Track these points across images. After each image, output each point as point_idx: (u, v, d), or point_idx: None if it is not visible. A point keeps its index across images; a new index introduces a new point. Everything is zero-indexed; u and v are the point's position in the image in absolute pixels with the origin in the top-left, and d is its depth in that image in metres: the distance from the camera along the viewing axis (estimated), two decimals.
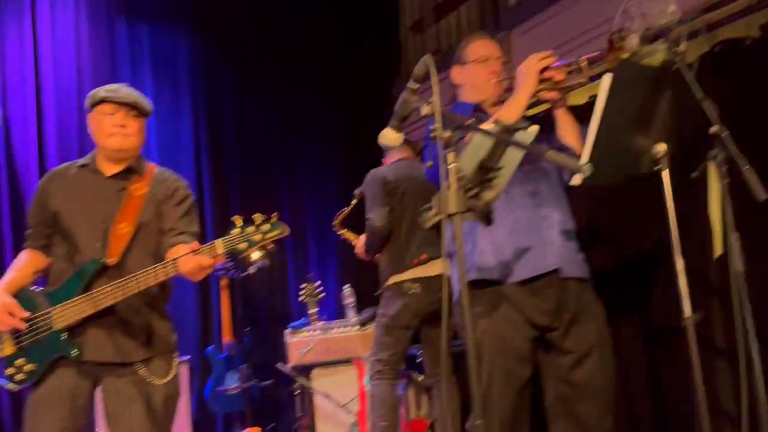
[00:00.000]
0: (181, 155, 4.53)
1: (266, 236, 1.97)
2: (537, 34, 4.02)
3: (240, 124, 4.78)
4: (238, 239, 1.95)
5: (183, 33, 4.64)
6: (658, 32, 1.89)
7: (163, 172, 2.32)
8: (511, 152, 1.50)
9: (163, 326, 2.23)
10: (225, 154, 4.70)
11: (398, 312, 3.33)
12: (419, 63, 1.52)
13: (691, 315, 1.81)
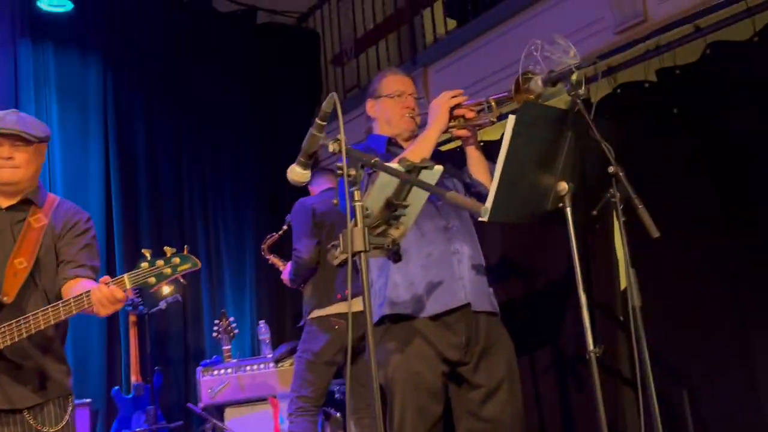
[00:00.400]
0: (89, 184, 4.33)
1: (177, 270, 1.91)
2: (452, 72, 4.14)
3: (152, 152, 4.62)
4: (146, 273, 1.88)
5: (92, 57, 4.46)
6: (560, 75, 1.97)
7: (64, 203, 2.20)
8: (418, 190, 1.51)
9: (57, 369, 2.09)
10: (136, 184, 4.52)
11: (323, 347, 3.26)
12: (326, 100, 1.51)
13: (593, 348, 1.86)
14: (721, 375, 2.63)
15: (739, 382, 2.59)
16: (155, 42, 4.72)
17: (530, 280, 3.55)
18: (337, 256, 1.44)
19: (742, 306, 2.63)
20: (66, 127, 4.29)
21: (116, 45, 4.57)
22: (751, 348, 2.54)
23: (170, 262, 1.91)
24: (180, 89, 4.81)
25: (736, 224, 2.67)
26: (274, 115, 5.12)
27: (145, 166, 4.56)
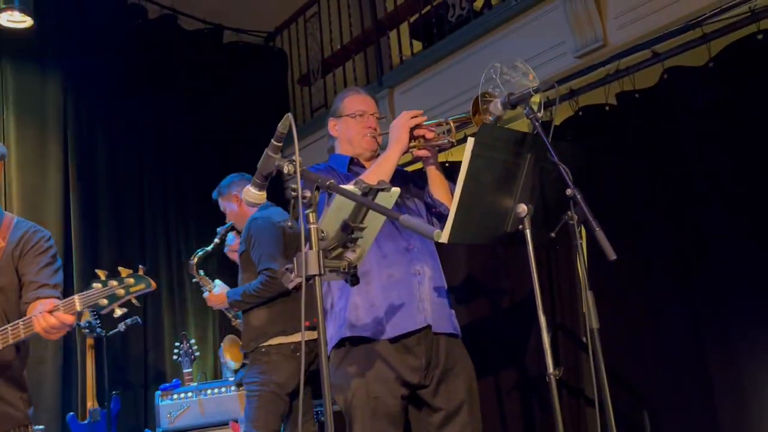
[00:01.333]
0: (46, 202, 4.22)
1: (130, 291, 1.86)
2: (418, 93, 4.17)
3: (113, 171, 4.54)
4: (98, 294, 1.83)
5: (52, 73, 4.38)
6: (519, 98, 1.99)
7: (21, 222, 2.14)
8: (375, 213, 1.49)
9: (16, 397, 2.00)
10: (96, 202, 4.42)
11: (288, 377, 3.00)
12: (282, 121, 1.50)
13: (553, 370, 1.85)
14: (682, 398, 2.66)
15: (699, 402, 2.62)
16: (118, 59, 4.66)
17: (494, 301, 3.56)
18: (292, 279, 1.40)
19: (702, 327, 2.67)
20: (24, 145, 4.20)
21: (77, 62, 4.49)
22: (711, 371, 2.57)
23: (123, 282, 1.86)
24: (143, 107, 4.74)
25: (693, 245, 2.72)
26: (241, 135, 5.07)
27: (106, 185, 4.48)
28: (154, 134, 4.78)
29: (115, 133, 4.60)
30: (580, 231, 1.90)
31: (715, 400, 2.58)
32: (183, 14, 5.15)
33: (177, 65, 4.98)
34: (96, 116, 4.53)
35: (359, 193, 1.42)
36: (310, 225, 1.39)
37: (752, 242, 2.50)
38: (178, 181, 4.80)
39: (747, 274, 2.47)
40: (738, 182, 2.62)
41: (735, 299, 2.54)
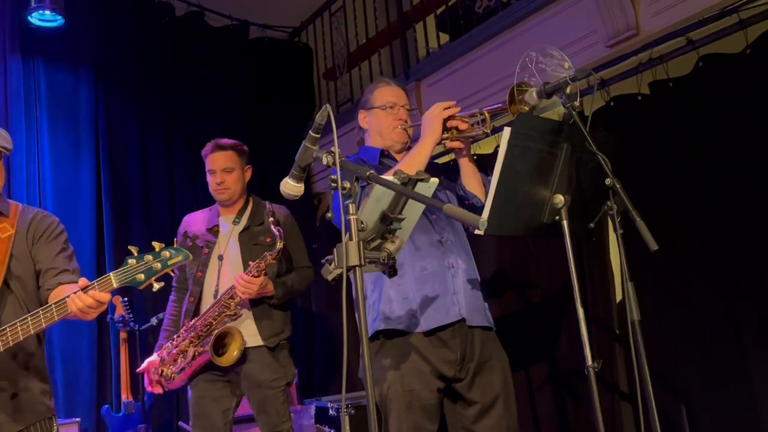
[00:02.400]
0: (80, 198, 4.28)
1: (167, 264, 1.84)
2: (445, 85, 4.14)
3: (144, 167, 4.58)
4: (133, 270, 1.80)
5: (83, 72, 4.43)
6: (555, 87, 1.96)
7: (28, 209, 2.13)
8: (413, 203, 1.48)
9: (38, 389, 2.00)
10: (128, 198, 4.47)
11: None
12: (320, 112, 1.49)
13: (592, 363, 1.82)
14: (720, 389, 2.61)
15: (737, 397, 2.56)
16: (147, 56, 4.70)
17: (526, 294, 3.53)
18: (332, 271, 1.40)
19: (740, 318, 2.61)
20: (56, 142, 4.25)
21: (107, 60, 4.54)
22: (750, 363, 2.52)
23: (160, 256, 1.83)
24: (172, 104, 4.78)
25: (731, 236, 2.66)
26: (268, 129, 5.10)
27: (137, 180, 4.52)
28: (183, 130, 4.81)
29: (145, 129, 4.65)
30: (620, 222, 1.87)
31: (755, 393, 2.53)
32: (209, 11, 5.18)
33: (204, 61, 5.02)
34: (127, 114, 4.58)
35: (398, 183, 1.41)
36: (350, 216, 1.38)
37: None
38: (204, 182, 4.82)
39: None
40: None
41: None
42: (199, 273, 2.94)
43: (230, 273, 2.91)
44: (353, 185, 1.39)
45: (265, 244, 2.93)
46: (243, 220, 3.03)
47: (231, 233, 3.01)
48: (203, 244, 2.97)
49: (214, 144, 3.07)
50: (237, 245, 2.98)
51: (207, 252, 2.97)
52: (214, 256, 2.97)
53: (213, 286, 2.92)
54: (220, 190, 3.00)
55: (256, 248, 2.93)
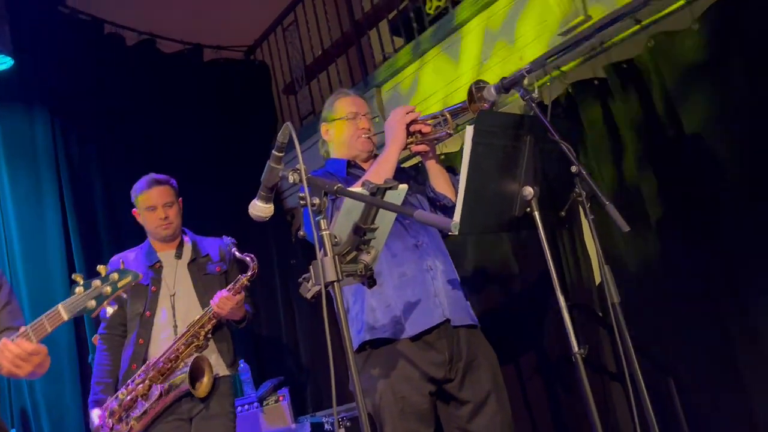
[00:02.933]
0: (47, 240, 4.17)
1: (117, 286, 1.80)
2: (405, 89, 4.15)
3: (110, 201, 4.49)
4: (84, 298, 1.75)
5: (38, 112, 4.34)
6: (512, 81, 1.98)
7: None
8: (385, 212, 1.48)
9: None
10: (98, 234, 4.37)
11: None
12: (281, 130, 1.48)
13: (578, 349, 1.84)
14: (705, 362, 2.65)
15: (722, 368, 2.61)
16: (101, 90, 4.62)
17: (507, 286, 3.54)
18: (310, 289, 1.39)
19: (717, 289, 2.65)
20: (17, 187, 4.15)
21: (62, 97, 4.44)
22: (730, 333, 2.56)
23: (108, 279, 1.79)
24: (131, 135, 4.71)
25: (700, 209, 2.70)
26: (233, 151, 5.03)
27: (105, 214, 4.43)
28: (144, 159, 4.72)
29: (107, 163, 4.56)
30: (589, 207, 1.89)
31: (739, 362, 2.57)
32: (161, 37, 5.12)
33: (161, 89, 4.95)
34: (86, 150, 4.48)
35: (367, 194, 1.40)
36: (322, 231, 1.37)
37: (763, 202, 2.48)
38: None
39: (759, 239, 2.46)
40: (736, 139, 2.60)
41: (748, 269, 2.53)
42: (147, 312, 2.82)
43: (185, 307, 2.84)
44: (322, 200, 1.39)
45: (216, 273, 2.91)
46: (185, 252, 2.98)
47: (177, 268, 2.93)
48: (148, 282, 2.86)
49: (151, 180, 2.98)
50: (187, 278, 2.91)
51: (154, 290, 2.86)
52: (163, 294, 2.87)
53: (170, 323, 2.82)
54: (165, 225, 2.92)
55: (207, 278, 2.89)
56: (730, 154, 2.60)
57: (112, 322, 2.88)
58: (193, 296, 2.88)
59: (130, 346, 2.81)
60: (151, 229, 2.96)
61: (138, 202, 2.97)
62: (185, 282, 2.91)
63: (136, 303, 2.83)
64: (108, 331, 2.90)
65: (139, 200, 2.96)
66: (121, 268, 1.84)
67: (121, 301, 2.56)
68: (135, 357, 2.78)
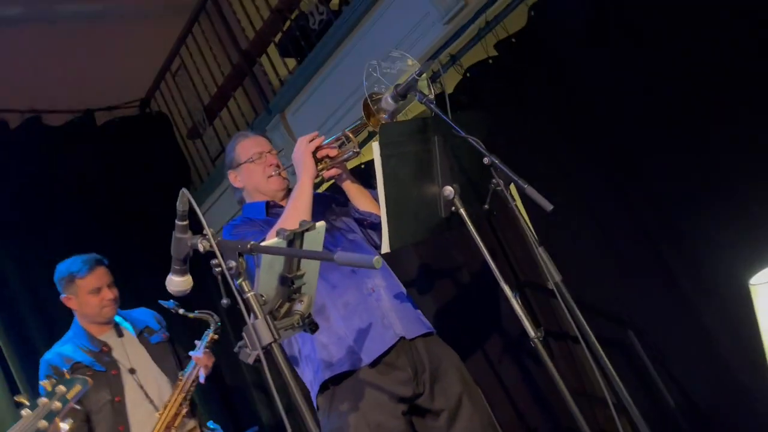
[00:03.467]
0: None
1: (67, 398, 1.69)
2: (309, 108, 4.09)
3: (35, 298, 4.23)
4: (33, 420, 1.64)
5: None
6: (406, 87, 1.95)
7: None
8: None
9: None
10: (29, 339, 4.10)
11: None
12: (179, 199, 1.40)
13: (534, 335, 1.83)
14: (657, 306, 2.71)
15: (673, 305, 2.67)
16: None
17: (455, 278, 3.54)
18: (250, 354, 1.32)
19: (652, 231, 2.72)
20: None
21: None
22: (673, 270, 2.62)
23: (55, 393, 1.69)
24: (37, 220, 4.44)
25: (617, 165, 2.76)
26: (149, 213, 4.80)
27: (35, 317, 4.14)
28: (63, 240, 4.48)
29: (19, 252, 4.29)
30: (511, 193, 1.88)
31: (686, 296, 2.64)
32: (45, 112, 4.87)
33: (57, 163, 4.68)
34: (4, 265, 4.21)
35: (285, 244, 1.34)
36: (247, 294, 1.30)
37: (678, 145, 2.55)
38: None
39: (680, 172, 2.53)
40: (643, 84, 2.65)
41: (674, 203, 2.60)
42: (117, 398, 2.69)
43: (153, 382, 2.75)
44: (239, 262, 1.31)
45: (164, 341, 2.87)
46: (124, 330, 2.88)
47: (125, 346, 2.82)
48: (103, 368, 2.71)
49: (90, 260, 2.83)
50: (142, 353, 2.82)
51: (115, 372, 2.73)
52: (124, 374, 2.74)
53: (144, 400, 2.71)
54: (112, 305, 2.80)
55: (159, 348, 2.83)
56: (642, 101, 2.64)
57: (75, 421, 2.65)
58: (156, 369, 2.80)
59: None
60: (92, 312, 2.80)
61: (75, 287, 2.79)
62: (141, 357, 2.81)
63: (98, 393, 2.65)
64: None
65: (78, 285, 2.79)
66: (65, 377, 1.71)
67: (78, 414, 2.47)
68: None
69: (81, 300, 2.80)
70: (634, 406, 1.91)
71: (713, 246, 2.45)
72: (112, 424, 2.66)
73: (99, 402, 2.67)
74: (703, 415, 2.66)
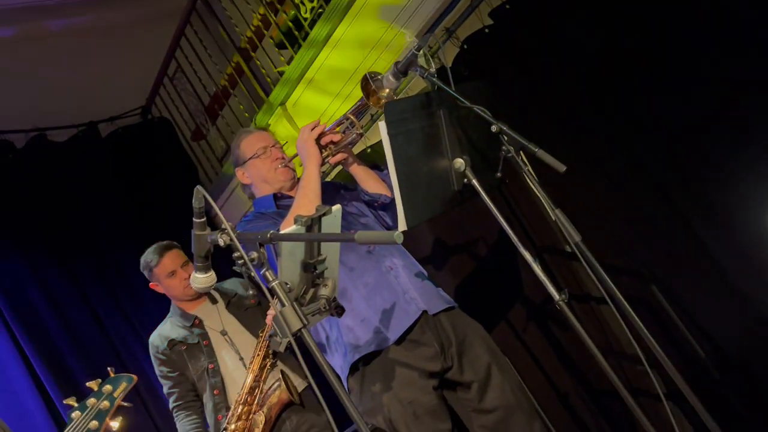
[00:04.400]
0: (8, 374, 3.97)
1: (114, 396, 1.74)
2: (310, 97, 4.07)
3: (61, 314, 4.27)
4: (84, 421, 1.69)
5: None
6: (406, 63, 1.94)
7: None
8: None
9: None
10: (56, 349, 4.17)
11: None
12: (194, 197, 1.41)
13: (559, 297, 1.83)
14: (676, 256, 2.70)
15: (692, 253, 2.66)
16: (5, 204, 4.39)
17: (472, 251, 3.53)
18: (281, 342, 1.33)
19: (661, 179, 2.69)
20: None
21: None
22: (693, 226, 2.60)
23: (102, 393, 1.73)
24: (55, 240, 4.48)
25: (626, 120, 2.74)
26: (163, 218, 4.83)
27: (56, 327, 4.20)
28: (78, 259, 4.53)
29: (41, 278, 4.34)
30: (522, 158, 1.88)
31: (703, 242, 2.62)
32: (49, 129, 4.89)
33: (68, 179, 4.73)
34: (14, 268, 4.26)
35: (304, 230, 1.34)
36: (272, 283, 1.31)
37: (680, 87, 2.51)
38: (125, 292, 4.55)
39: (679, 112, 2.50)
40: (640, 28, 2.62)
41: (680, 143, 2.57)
42: (210, 365, 2.87)
43: (244, 344, 2.91)
44: (260, 252, 1.32)
45: (252, 305, 3.02)
46: (217, 298, 3.05)
47: (218, 314, 3.00)
48: (198, 340, 2.92)
49: (159, 248, 3.06)
50: (232, 319, 2.98)
51: (207, 343, 2.92)
52: (216, 341, 2.93)
53: (237, 362, 2.88)
54: (188, 284, 2.92)
55: (249, 313, 2.99)
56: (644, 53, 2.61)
57: (182, 390, 2.92)
58: (245, 333, 2.96)
59: (209, 401, 2.86)
60: (177, 293, 3.02)
61: (155, 275, 3.03)
62: (233, 324, 2.99)
63: (196, 363, 2.90)
64: (182, 401, 2.92)
65: (155, 273, 3.03)
66: (110, 375, 1.76)
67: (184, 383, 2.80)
68: (217, 409, 2.84)
69: (163, 285, 3.03)
70: (666, 359, 1.90)
71: (731, 193, 2.43)
72: (209, 388, 2.86)
73: (198, 370, 2.90)
74: (734, 363, 2.65)
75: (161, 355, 2.92)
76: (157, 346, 2.95)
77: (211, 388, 2.86)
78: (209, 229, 1.41)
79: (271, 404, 2.74)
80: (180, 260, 3.04)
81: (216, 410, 2.84)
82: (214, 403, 2.85)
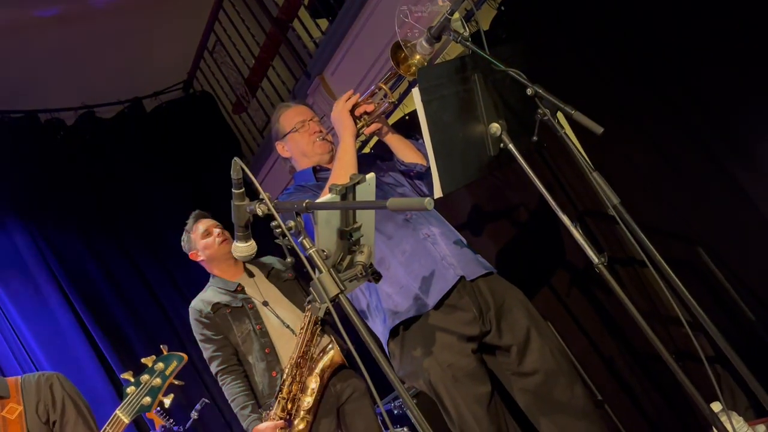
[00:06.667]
0: (68, 340, 4.18)
1: (166, 374, 1.82)
2: (346, 67, 4.08)
3: (115, 284, 4.47)
4: (138, 397, 1.78)
5: (11, 223, 4.32)
6: (440, 28, 1.92)
7: (26, 380, 2.04)
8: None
9: None
10: (113, 315, 4.37)
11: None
12: (232, 168, 1.44)
13: (598, 261, 1.81)
14: (725, 222, 2.63)
15: (741, 220, 2.58)
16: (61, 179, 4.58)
17: (511, 218, 3.51)
18: (319, 308, 1.37)
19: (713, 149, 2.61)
20: (18, 298, 4.15)
21: (25, 200, 4.42)
22: (740, 185, 2.52)
23: (154, 371, 1.81)
24: (109, 213, 4.67)
25: (666, 79, 2.65)
26: (211, 190, 4.96)
27: (112, 297, 4.41)
28: (131, 230, 4.70)
29: (96, 248, 4.53)
30: (558, 121, 1.85)
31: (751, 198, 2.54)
32: (97, 106, 5.04)
33: (117, 154, 4.89)
34: (70, 242, 4.45)
35: (338, 198, 1.37)
36: (309, 251, 1.34)
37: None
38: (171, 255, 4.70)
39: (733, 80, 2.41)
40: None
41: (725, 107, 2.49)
42: (258, 326, 2.91)
43: (286, 311, 2.94)
44: (297, 221, 1.35)
45: (290, 279, 3.07)
46: (255, 271, 3.10)
47: (257, 284, 3.04)
48: (242, 303, 2.96)
49: (195, 215, 3.15)
50: (273, 288, 3.03)
51: (251, 306, 2.96)
52: (259, 306, 2.96)
53: (281, 326, 2.90)
54: (226, 242, 3.02)
55: (288, 285, 3.04)
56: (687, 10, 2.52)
57: (225, 355, 2.91)
58: (286, 301, 2.99)
59: (260, 361, 2.88)
60: (213, 252, 3.05)
61: (192, 240, 3.10)
62: (272, 292, 3.03)
63: (241, 325, 2.91)
64: (227, 365, 2.91)
65: (192, 238, 3.10)
66: (163, 353, 1.82)
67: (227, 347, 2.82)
68: (270, 366, 2.86)
69: (200, 247, 3.06)
70: (710, 322, 1.87)
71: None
72: (259, 348, 2.88)
73: (243, 333, 2.91)
74: None
75: (204, 318, 2.91)
76: (200, 310, 2.93)
77: (261, 347, 2.87)
78: (248, 200, 1.45)
79: (324, 367, 2.76)
80: (212, 223, 3.11)
81: (269, 368, 2.85)
82: (267, 361, 2.85)
